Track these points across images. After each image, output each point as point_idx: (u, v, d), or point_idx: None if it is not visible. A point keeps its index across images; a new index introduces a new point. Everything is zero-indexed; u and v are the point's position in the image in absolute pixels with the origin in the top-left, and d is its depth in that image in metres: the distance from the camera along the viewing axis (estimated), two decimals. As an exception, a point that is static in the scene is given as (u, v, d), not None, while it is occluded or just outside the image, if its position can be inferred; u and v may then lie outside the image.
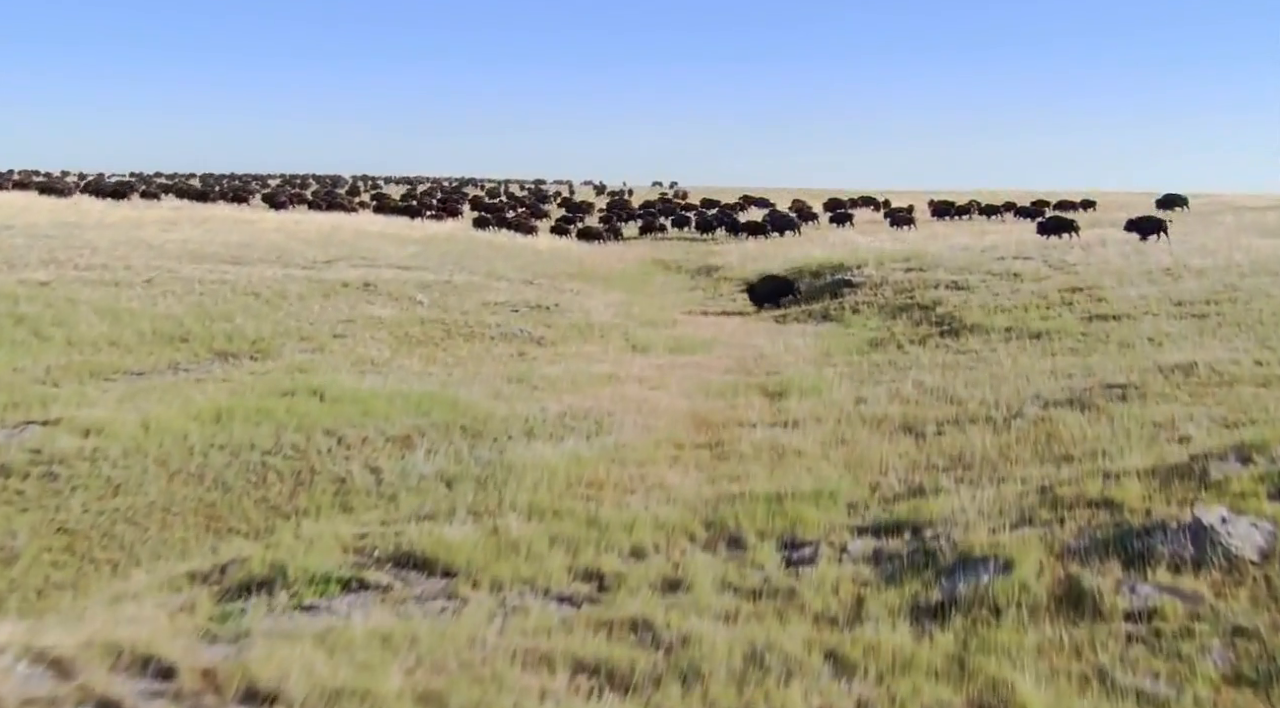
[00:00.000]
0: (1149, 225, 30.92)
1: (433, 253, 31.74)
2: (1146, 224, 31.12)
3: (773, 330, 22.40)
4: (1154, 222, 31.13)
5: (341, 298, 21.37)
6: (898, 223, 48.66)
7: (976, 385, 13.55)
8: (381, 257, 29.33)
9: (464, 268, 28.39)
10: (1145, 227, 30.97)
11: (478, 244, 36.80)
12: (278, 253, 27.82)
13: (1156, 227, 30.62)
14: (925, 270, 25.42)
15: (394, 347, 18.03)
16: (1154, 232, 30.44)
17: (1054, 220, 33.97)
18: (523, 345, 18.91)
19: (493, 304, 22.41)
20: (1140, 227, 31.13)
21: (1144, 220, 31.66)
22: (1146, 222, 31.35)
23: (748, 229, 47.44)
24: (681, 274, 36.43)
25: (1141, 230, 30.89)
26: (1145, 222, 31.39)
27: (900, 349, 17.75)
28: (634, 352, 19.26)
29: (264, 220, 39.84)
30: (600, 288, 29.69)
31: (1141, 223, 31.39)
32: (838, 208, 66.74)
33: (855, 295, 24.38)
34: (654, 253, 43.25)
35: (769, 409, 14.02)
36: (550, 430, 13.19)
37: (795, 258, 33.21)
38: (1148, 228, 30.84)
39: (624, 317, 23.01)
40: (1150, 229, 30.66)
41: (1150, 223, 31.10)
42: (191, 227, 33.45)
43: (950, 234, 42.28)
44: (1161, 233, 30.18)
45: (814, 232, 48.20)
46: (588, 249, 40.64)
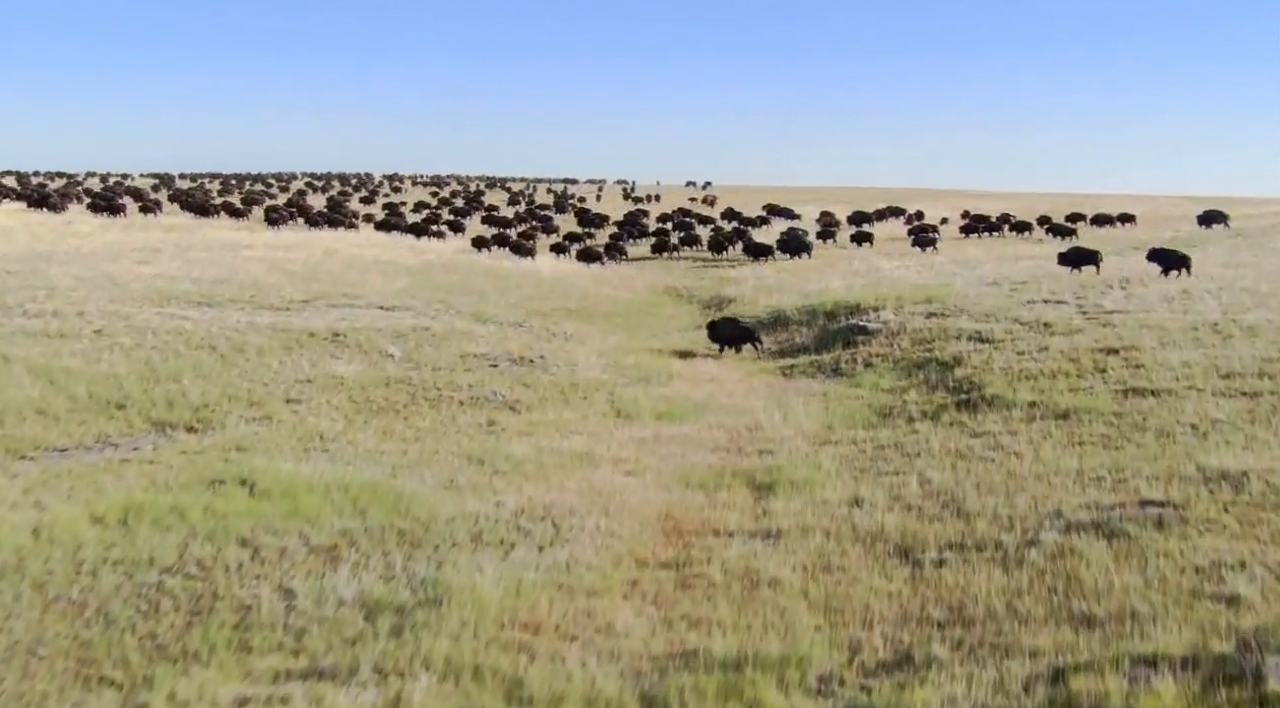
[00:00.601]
0: (1172, 259, 29.62)
1: (423, 286, 30.50)
2: (1169, 257, 29.79)
3: (776, 388, 20.91)
4: (1177, 256, 29.86)
5: (306, 351, 20.11)
6: (920, 243, 47.06)
7: (989, 490, 12.01)
8: (366, 293, 28.12)
9: (451, 307, 27.12)
10: (1168, 260, 29.64)
11: (475, 272, 35.53)
12: (253, 290, 26.65)
13: (1180, 262, 29.33)
14: (947, 316, 23.82)
15: (350, 415, 16.71)
16: (1177, 266, 29.12)
17: (1075, 252, 32.57)
18: (494, 412, 17.53)
19: (471, 356, 21.08)
20: (1163, 259, 29.82)
21: (1167, 253, 30.33)
22: (1169, 255, 30.05)
23: (755, 251, 46.14)
24: (692, 305, 34.98)
25: (1164, 263, 29.51)
26: (1168, 255, 30.08)
27: (910, 424, 16.21)
28: (618, 418, 17.86)
29: (253, 245, 38.79)
30: (599, 327, 28.32)
31: (1164, 255, 30.08)
32: (861, 222, 65.19)
33: (869, 346, 22.82)
34: (666, 278, 41.81)
35: (752, 510, 12.57)
36: (501, 535, 11.82)
37: (812, 292, 31.66)
38: (1171, 261, 29.51)
39: (615, 370, 21.59)
40: (1173, 263, 29.37)
41: (1173, 257, 29.80)
42: (170, 258, 32.40)
43: (979, 259, 40.60)
44: (1184, 269, 28.93)
45: (835, 251, 46.60)
46: (594, 275, 39.26)
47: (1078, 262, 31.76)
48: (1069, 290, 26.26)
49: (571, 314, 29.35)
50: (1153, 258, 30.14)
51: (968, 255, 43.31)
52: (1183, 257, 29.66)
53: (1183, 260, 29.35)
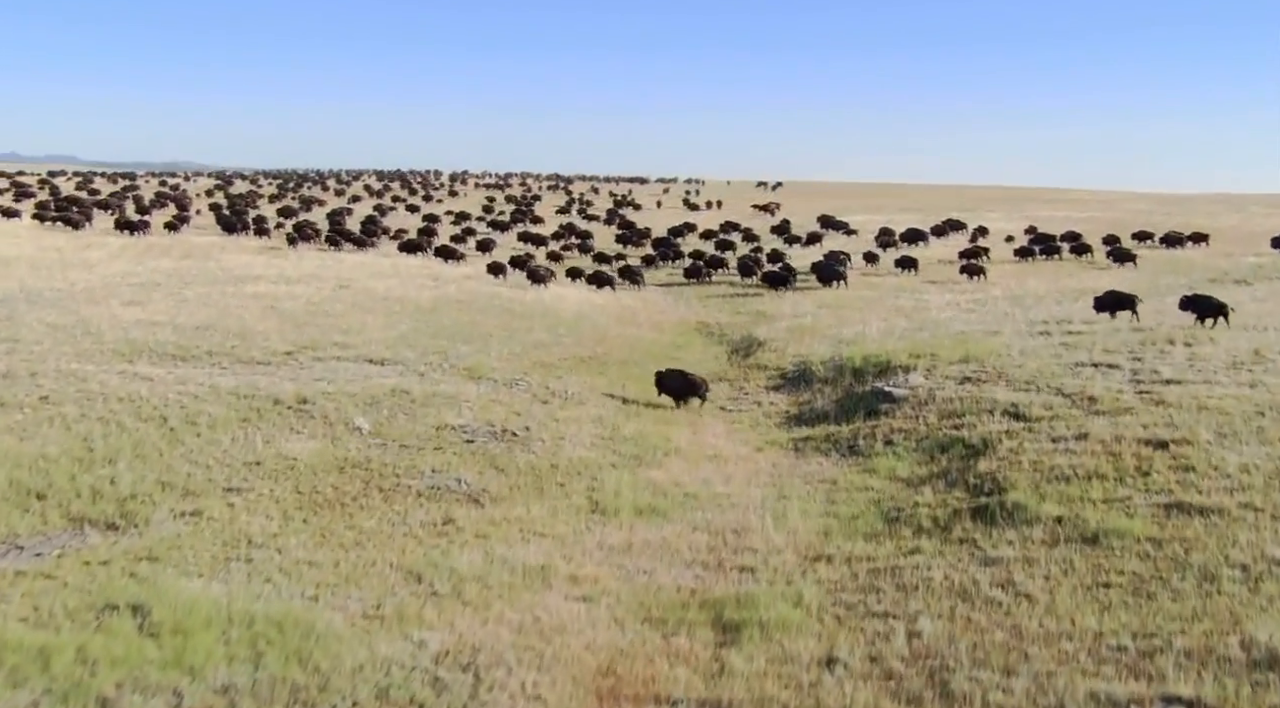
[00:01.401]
0: (1207, 306, 27.69)
1: (424, 332, 29.29)
2: (1205, 304, 27.90)
3: (783, 469, 19.23)
4: (1212, 304, 27.93)
5: (265, 424, 18.92)
6: (968, 271, 44.95)
7: (985, 660, 10.28)
8: (360, 341, 26.97)
9: (448, 359, 25.83)
10: (1204, 307, 27.71)
11: (489, 310, 34.24)
12: (236, 340, 25.65)
13: (1215, 310, 27.45)
14: (984, 382, 21.91)
15: (291, 512, 15.43)
16: (1214, 314, 27.36)
17: (1111, 296, 30.66)
18: (454, 506, 16.13)
19: (448, 429, 19.72)
20: (1198, 306, 27.92)
21: (1201, 300, 28.35)
22: (1205, 302, 28.11)
23: (773, 281, 44.51)
24: (721, 347, 33.33)
25: (1199, 311, 27.71)
26: (1203, 301, 28.15)
27: (917, 537, 14.44)
28: (593, 515, 16.37)
29: (262, 276, 38.03)
30: (610, 379, 26.83)
31: (1200, 302, 28.15)
32: (916, 239, 63.00)
33: (893, 417, 21.01)
34: (699, 310, 40.19)
35: (708, 665, 11.03)
36: (412, 692, 10.47)
37: (845, 339, 29.87)
38: (1206, 309, 27.61)
39: (607, 444, 20.10)
40: (1210, 310, 27.52)
41: (1208, 305, 27.91)
42: (165, 296, 31.65)
43: (1036, 292, 38.43)
44: (1222, 317, 27.22)
45: (882, 280, 44.53)
46: (619, 312, 37.74)
47: (1114, 307, 30.03)
48: (1125, 348, 24.15)
49: (582, 364, 27.89)
50: (1186, 306, 28.20)
51: (1025, 287, 41.05)
52: (1218, 305, 27.80)
53: (1218, 309, 27.53)
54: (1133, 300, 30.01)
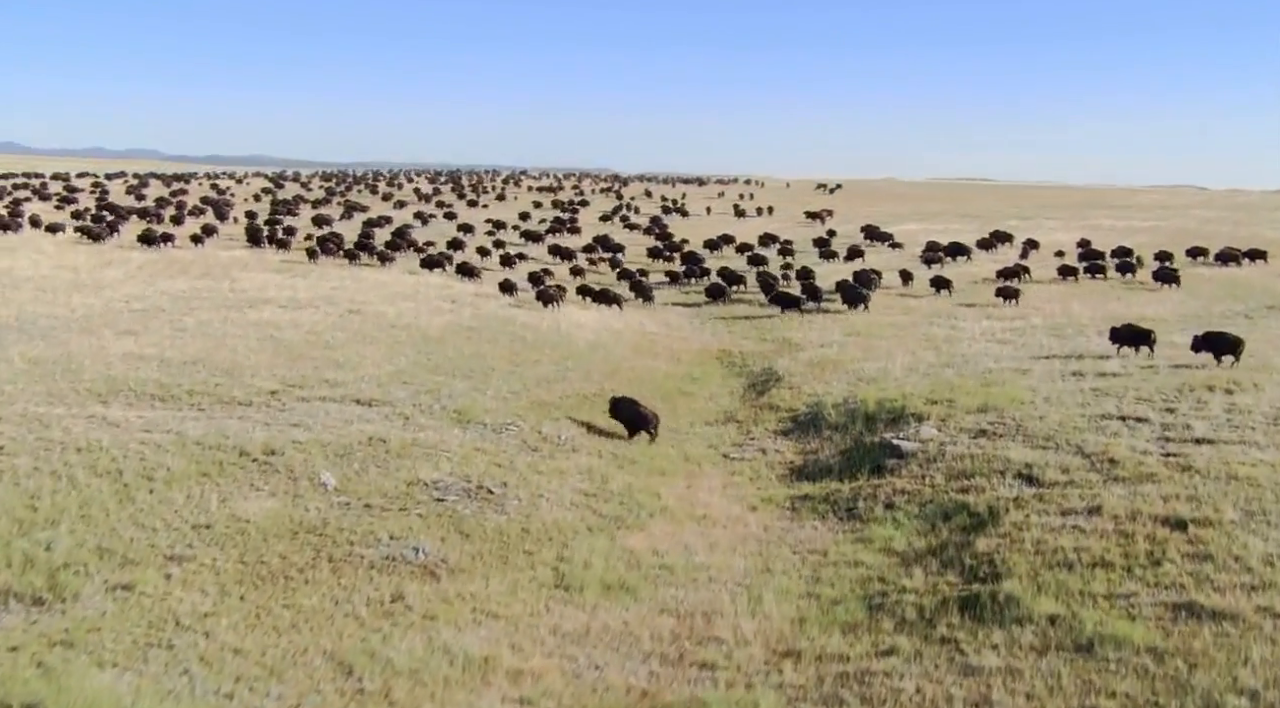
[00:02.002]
0: (1223, 344, 27.04)
1: (424, 365, 28.62)
2: (1220, 342, 27.14)
3: (773, 535, 18.15)
4: (1227, 341, 27.09)
5: (225, 479, 18.25)
6: (1003, 294, 43.45)
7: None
8: (353, 378, 26.34)
9: (440, 398, 25.09)
10: (1219, 345, 27.10)
11: (498, 339, 33.50)
12: (221, 378, 25.11)
13: (1231, 347, 26.84)
14: (999, 437, 20.64)
15: (230, 585, 14.67)
16: (1229, 352, 26.81)
17: (1127, 330, 29.94)
18: (407, 580, 15.29)
19: (420, 485, 18.91)
20: (1213, 345, 27.23)
21: (1216, 338, 27.49)
22: (1220, 340, 27.28)
23: (782, 303, 43.71)
24: (740, 379, 32.22)
25: (1215, 349, 27.12)
26: (1218, 340, 27.33)
27: (896, 634, 13.31)
28: (556, 590, 15.45)
29: (271, 299, 37.63)
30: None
31: (1214, 340, 27.36)
32: (957, 254, 61.40)
33: (898, 476, 19.83)
34: (724, 337, 39.08)
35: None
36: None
37: (866, 375, 28.68)
38: (1222, 346, 27.01)
39: (589, 503, 19.17)
40: (1224, 348, 26.95)
41: (1223, 342, 27.10)
42: (163, 324, 31.29)
43: (1079, 318, 36.83)
44: (1233, 355, 26.68)
45: (918, 303, 43.06)
46: (637, 340, 36.76)
47: (1130, 341, 29.52)
48: (1159, 395, 22.70)
49: (584, 403, 26.99)
50: (1201, 346, 27.52)
51: (1069, 313, 39.40)
52: (1233, 342, 26.99)
53: (1233, 346, 26.89)
54: (1147, 335, 29.34)
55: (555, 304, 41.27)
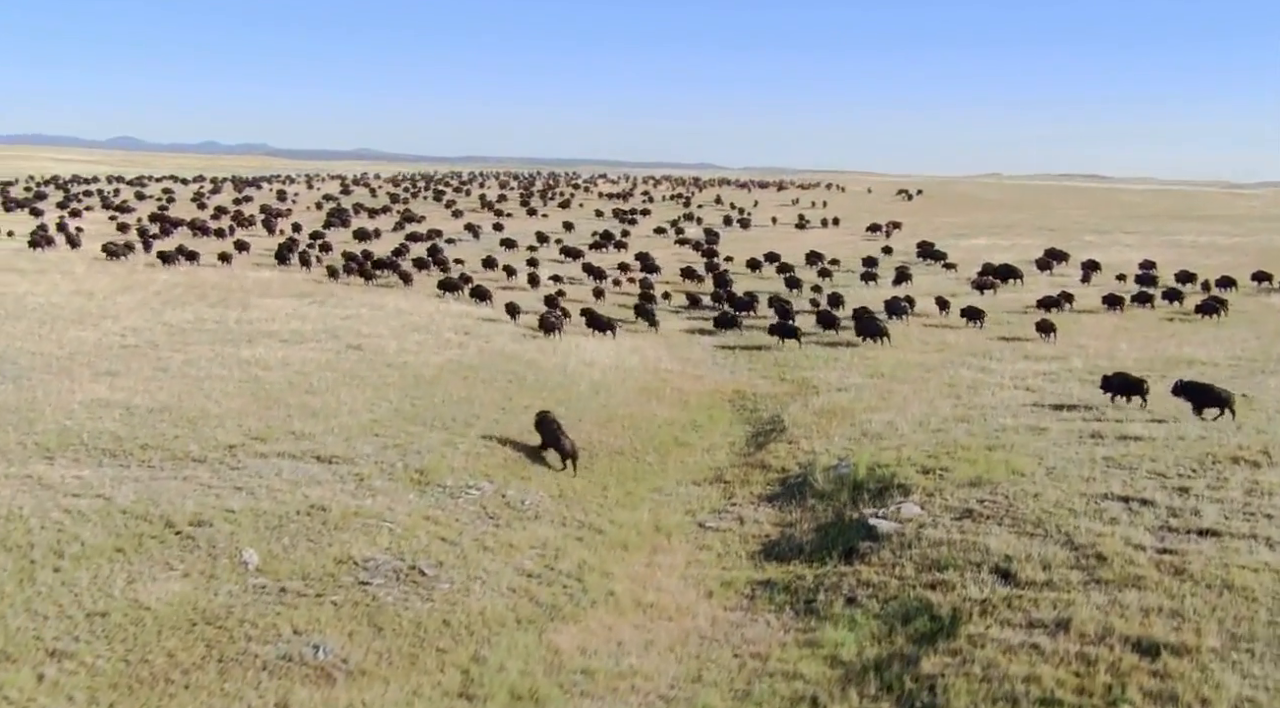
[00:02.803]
0: (1205, 397, 26.51)
1: (404, 411, 27.83)
2: (1202, 394, 26.60)
3: (719, 630, 16.86)
4: (1210, 394, 26.47)
5: (138, 556, 17.52)
6: (1041, 328, 41.99)
7: None
8: (323, 428, 25.60)
9: (407, 454, 24.23)
10: (1200, 397, 26.60)
11: (495, 379, 32.63)
12: (183, 429, 24.53)
13: (1216, 401, 26.27)
14: (985, 519, 19.12)
15: (100, 693, 13.75)
16: (1213, 404, 26.27)
17: (1119, 379, 28.93)
18: (296, 687, 14.33)
19: (349, 564, 18.02)
20: (1194, 395, 26.72)
21: (1198, 389, 26.91)
22: (1202, 391, 26.72)
23: (782, 333, 43.00)
24: (746, 427, 30.91)
25: (1195, 401, 26.61)
26: (1200, 391, 26.78)
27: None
28: (458, 699, 14.36)
29: (272, 333, 37.22)
30: (594, 477, 24.92)
31: (1195, 390, 26.85)
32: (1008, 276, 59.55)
33: (868, 564, 18.39)
34: (743, 375, 37.66)
35: None
36: None
37: (874, 429, 27.24)
38: (1203, 398, 26.47)
39: (530, 586, 18.10)
40: (1206, 401, 26.40)
41: (1206, 395, 26.51)
42: (149, 364, 30.93)
43: (1122, 358, 34.69)
44: (1224, 410, 26.08)
45: (950, 336, 41.21)
46: (645, 379, 35.57)
47: (1120, 390, 28.61)
48: (1177, 468, 20.91)
49: (566, 464, 25.99)
50: (1181, 392, 27.11)
51: (1114, 352, 37.38)
52: (1219, 396, 26.27)
53: (1220, 400, 26.20)
54: (1139, 385, 28.32)
55: (558, 332, 40.99)
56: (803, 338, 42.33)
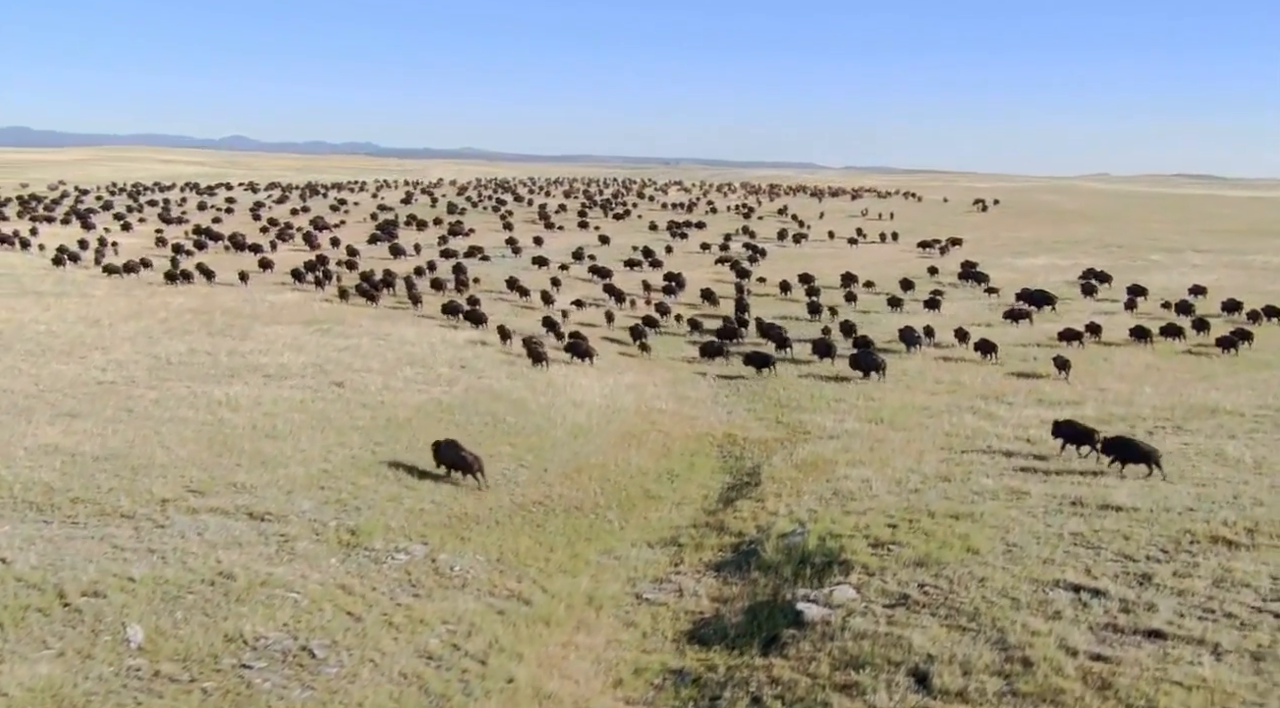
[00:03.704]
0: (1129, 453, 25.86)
1: (366, 459, 27.32)
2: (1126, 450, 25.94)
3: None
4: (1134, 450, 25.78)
5: (17, 631, 16.85)
6: (1058, 364, 41.30)
7: None
8: (269, 479, 25.16)
9: (347, 510, 23.64)
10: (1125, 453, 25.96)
11: (471, 421, 32.08)
12: (125, 477, 24.17)
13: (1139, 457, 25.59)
14: (919, 608, 17.84)
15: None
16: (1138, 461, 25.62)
17: (1068, 427, 28.24)
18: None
19: (239, 643, 17.37)
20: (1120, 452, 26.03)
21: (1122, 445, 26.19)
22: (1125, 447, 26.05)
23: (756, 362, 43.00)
24: (725, 477, 29.98)
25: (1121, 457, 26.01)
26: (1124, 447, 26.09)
27: None
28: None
29: (257, 368, 37.05)
30: (543, 537, 24.16)
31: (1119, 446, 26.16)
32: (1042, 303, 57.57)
33: (784, 658, 17.22)
34: (740, 415, 36.62)
35: None
36: None
37: (847, 489, 26.09)
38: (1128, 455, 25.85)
39: (422, 672, 17.16)
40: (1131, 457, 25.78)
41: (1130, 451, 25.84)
42: (113, 405, 30.78)
43: (1136, 412, 33.00)
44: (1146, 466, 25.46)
45: (966, 374, 39.68)
46: (630, 421, 34.74)
47: (1071, 438, 28.02)
48: (1144, 551, 19.46)
49: (517, 515, 25.15)
50: (1110, 451, 26.38)
51: (1133, 398, 35.68)
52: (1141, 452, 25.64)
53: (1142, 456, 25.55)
54: (1090, 435, 27.46)
55: (545, 362, 41.08)
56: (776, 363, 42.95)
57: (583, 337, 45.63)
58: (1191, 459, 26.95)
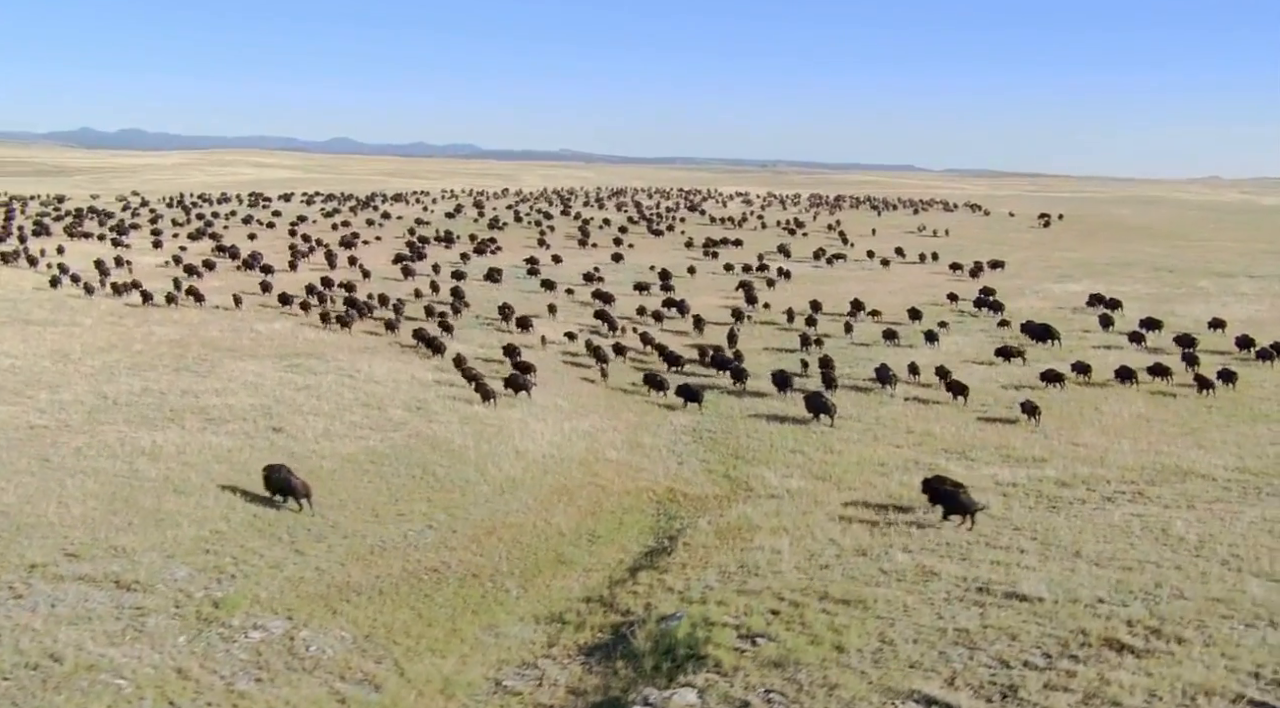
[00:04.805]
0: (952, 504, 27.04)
1: (269, 518, 26.95)
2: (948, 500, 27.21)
3: None
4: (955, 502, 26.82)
5: None
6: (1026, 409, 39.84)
7: None
8: (155, 541, 24.70)
9: (223, 578, 23.07)
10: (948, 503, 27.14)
11: (396, 475, 31.51)
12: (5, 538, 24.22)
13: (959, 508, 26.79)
14: (760, 720, 17.00)
15: None
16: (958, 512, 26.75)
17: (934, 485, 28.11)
18: None
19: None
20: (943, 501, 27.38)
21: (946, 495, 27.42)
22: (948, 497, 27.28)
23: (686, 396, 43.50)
24: (652, 540, 29.11)
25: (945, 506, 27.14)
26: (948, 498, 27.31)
27: None
28: None
29: (202, 410, 36.83)
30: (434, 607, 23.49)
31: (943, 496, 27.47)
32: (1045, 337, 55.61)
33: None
34: (691, 468, 35.48)
35: None
36: None
37: (762, 557, 25.11)
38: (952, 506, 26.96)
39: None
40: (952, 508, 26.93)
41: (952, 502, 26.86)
42: (35, 450, 30.70)
43: (1097, 471, 31.50)
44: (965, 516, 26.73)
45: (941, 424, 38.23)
46: (591, 462, 33.95)
47: (937, 499, 27.65)
48: (1025, 657, 18.05)
49: (407, 583, 24.50)
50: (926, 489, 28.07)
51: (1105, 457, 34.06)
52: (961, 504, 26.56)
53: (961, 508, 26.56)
54: (954, 497, 27.00)
55: (495, 400, 41.03)
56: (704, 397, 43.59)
57: (528, 367, 45.47)
58: (1133, 536, 25.56)
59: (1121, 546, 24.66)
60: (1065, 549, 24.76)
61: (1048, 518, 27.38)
